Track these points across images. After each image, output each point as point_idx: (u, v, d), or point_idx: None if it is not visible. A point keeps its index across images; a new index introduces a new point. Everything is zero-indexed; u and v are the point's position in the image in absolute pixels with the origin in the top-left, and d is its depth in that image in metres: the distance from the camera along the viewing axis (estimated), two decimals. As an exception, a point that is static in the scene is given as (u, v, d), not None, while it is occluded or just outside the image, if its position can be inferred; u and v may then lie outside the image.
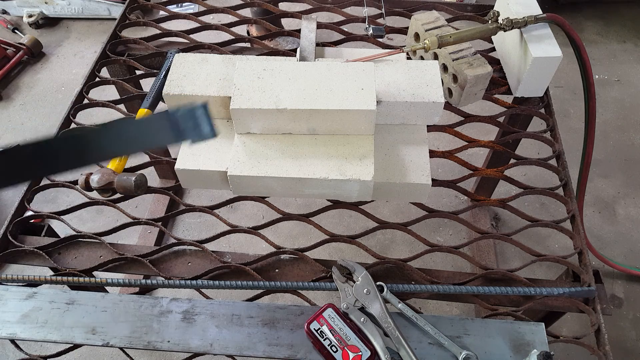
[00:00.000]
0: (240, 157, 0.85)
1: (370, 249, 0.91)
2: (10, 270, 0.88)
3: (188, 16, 1.28)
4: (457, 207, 1.70)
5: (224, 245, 1.72)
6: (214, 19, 2.43)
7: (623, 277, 1.67)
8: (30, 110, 2.24)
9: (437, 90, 0.90)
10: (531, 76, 1.03)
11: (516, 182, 0.99)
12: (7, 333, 0.76)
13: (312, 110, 0.83)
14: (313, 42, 1.05)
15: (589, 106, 1.14)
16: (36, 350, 1.46)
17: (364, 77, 0.86)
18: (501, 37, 1.12)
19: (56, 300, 0.79)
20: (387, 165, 0.87)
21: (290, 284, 0.82)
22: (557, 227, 0.93)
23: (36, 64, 2.45)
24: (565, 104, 2.20)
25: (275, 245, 0.90)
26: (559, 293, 0.82)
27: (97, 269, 0.87)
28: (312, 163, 0.84)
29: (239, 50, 1.22)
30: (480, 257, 1.64)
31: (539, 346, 0.75)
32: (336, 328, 0.73)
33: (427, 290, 0.83)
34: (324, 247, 0.91)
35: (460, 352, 0.73)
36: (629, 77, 2.34)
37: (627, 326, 1.57)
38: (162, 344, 0.75)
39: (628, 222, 1.82)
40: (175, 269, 0.87)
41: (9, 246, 0.88)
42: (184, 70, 0.93)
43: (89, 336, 0.76)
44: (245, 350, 0.75)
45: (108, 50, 1.18)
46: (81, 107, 1.09)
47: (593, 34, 2.57)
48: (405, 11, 1.26)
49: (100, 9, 2.58)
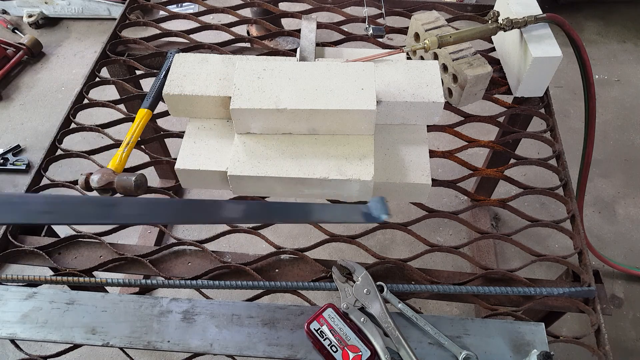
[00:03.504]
0: (240, 157, 0.85)
1: (370, 249, 0.91)
2: (10, 270, 0.88)
3: (188, 16, 1.28)
4: (457, 207, 1.70)
5: (224, 245, 1.72)
6: (214, 19, 2.43)
7: (623, 277, 1.67)
8: (30, 110, 2.24)
9: (437, 90, 0.90)
10: (531, 76, 1.03)
11: (516, 182, 0.99)
12: (7, 333, 0.76)
13: (312, 110, 0.83)
14: (313, 42, 1.05)
15: (589, 106, 1.14)
16: (36, 350, 1.46)
17: (364, 77, 0.86)
18: (501, 37, 1.12)
19: (56, 300, 0.79)
20: (387, 165, 0.87)
21: (290, 284, 0.82)
22: (557, 227, 0.93)
23: (36, 64, 2.45)
24: (565, 104, 2.20)
25: (275, 245, 0.90)
26: (559, 293, 0.82)
27: (97, 269, 0.87)
28: (312, 163, 0.84)
29: (239, 50, 1.22)
30: (480, 257, 1.64)
31: (539, 346, 0.75)
32: (336, 328, 0.73)
33: (427, 290, 0.83)
34: (324, 247, 0.91)
35: (460, 352, 0.73)
36: (629, 77, 2.34)
37: (627, 326, 1.57)
38: (162, 344, 0.75)
39: (628, 222, 1.82)
40: (175, 269, 0.87)
41: (9, 246, 0.88)
42: (184, 70, 0.93)
43: (89, 336, 0.76)
44: (245, 350, 0.75)
45: (108, 50, 1.18)
46: (81, 107, 1.09)
47: (593, 34, 2.57)
48: (405, 11, 1.26)
49: (100, 9, 2.58)
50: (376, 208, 0.63)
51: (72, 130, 1.05)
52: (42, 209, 0.54)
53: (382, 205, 0.63)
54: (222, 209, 0.61)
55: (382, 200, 0.63)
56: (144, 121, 0.97)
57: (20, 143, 2.08)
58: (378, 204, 0.63)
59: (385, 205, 0.63)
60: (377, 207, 0.63)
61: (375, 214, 0.63)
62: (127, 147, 0.92)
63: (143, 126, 0.96)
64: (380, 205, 0.63)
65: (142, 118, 0.96)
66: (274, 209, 0.67)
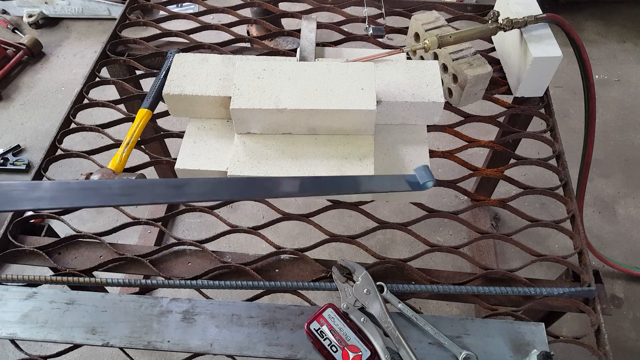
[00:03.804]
0: (240, 157, 0.85)
1: (370, 249, 0.91)
2: (10, 270, 0.88)
3: (188, 16, 1.28)
4: (457, 207, 1.70)
5: (224, 245, 1.72)
6: (214, 19, 2.43)
7: (623, 277, 1.67)
8: (30, 110, 2.24)
9: (437, 90, 0.90)
10: (531, 76, 1.03)
11: (516, 182, 0.99)
12: (7, 333, 0.76)
13: (312, 110, 0.83)
14: (313, 42, 1.05)
15: (589, 106, 1.14)
16: (36, 350, 1.46)
17: (364, 77, 0.86)
18: (501, 37, 1.12)
19: (56, 300, 0.79)
20: (387, 165, 0.87)
21: (290, 284, 0.82)
22: (557, 227, 0.93)
23: (36, 64, 2.45)
24: (565, 104, 2.20)
25: (275, 245, 0.90)
26: (559, 293, 0.82)
27: (97, 269, 0.87)
28: (312, 163, 0.84)
29: (239, 50, 1.22)
30: (480, 257, 1.64)
31: (539, 346, 0.75)
32: (336, 328, 0.73)
33: (427, 290, 0.82)
34: (324, 247, 0.91)
35: (460, 352, 0.73)
36: (629, 77, 2.34)
37: (627, 326, 1.57)
38: (162, 344, 0.75)
39: (628, 222, 1.82)
40: (175, 269, 0.87)
41: (9, 246, 0.88)
42: (184, 70, 0.93)
43: (89, 336, 0.76)
44: (245, 350, 0.75)
45: (108, 50, 1.18)
46: (81, 107, 1.09)
47: (593, 34, 2.57)
48: (405, 11, 1.26)
49: (100, 9, 2.58)
50: (422, 176, 0.64)
51: (72, 130, 1.05)
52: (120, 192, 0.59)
53: (426, 173, 0.64)
54: (280, 185, 0.64)
55: (427, 169, 0.64)
56: (144, 121, 0.97)
57: (20, 143, 2.08)
58: (423, 172, 0.64)
59: (430, 172, 0.64)
60: (423, 174, 0.64)
61: (421, 181, 0.64)
62: (127, 147, 0.92)
63: (143, 126, 0.96)
64: (425, 173, 0.64)
65: (142, 118, 0.97)
66: (327, 182, 0.69)
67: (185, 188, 0.61)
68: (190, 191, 0.61)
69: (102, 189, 0.59)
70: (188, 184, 0.61)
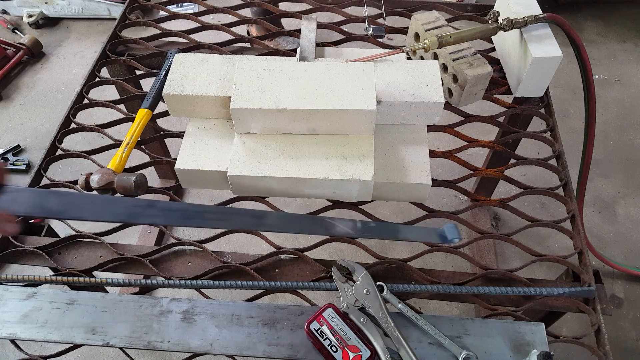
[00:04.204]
0: (240, 157, 0.85)
1: (370, 249, 0.91)
2: (10, 270, 0.88)
3: (188, 16, 1.28)
4: (457, 207, 1.70)
5: (224, 245, 1.72)
6: (214, 19, 2.43)
7: (623, 277, 1.67)
8: (30, 110, 2.24)
9: (437, 90, 0.90)
10: (531, 76, 1.03)
11: (516, 182, 0.99)
12: (7, 333, 0.76)
13: (312, 110, 0.83)
14: (313, 42, 1.05)
15: (589, 106, 1.14)
16: (36, 350, 1.46)
17: (364, 77, 0.86)
18: (501, 37, 1.12)
19: (56, 300, 0.79)
20: (387, 165, 0.87)
21: (290, 284, 0.82)
22: (557, 227, 0.93)
23: (36, 64, 2.45)
24: (565, 104, 2.20)
25: (275, 245, 0.90)
26: (559, 293, 0.82)
27: (97, 269, 0.87)
28: (312, 163, 0.84)
29: (239, 50, 1.22)
30: (480, 257, 1.64)
31: (539, 346, 0.75)
32: (336, 328, 0.73)
33: (427, 290, 0.83)
34: (324, 247, 0.91)
35: (460, 352, 0.73)
36: (629, 77, 2.34)
37: (627, 326, 1.57)
38: (162, 344, 0.75)
39: (628, 222, 1.82)
40: (175, 269, 0.87)
41: (9, 246, 0.88)
42: (184, 70, 0.93)
43: (89, 336, 0.76)
44: (245, 350, 0.75)
45: (108, 50, 1.18)
46: (81, 107, 1.09)
47: (593, 34, 2.57)
48: (405, 11, 1.26)
49: (100, 9, 2.58)
50: (450, 233, 0.74)
51: (72, 130, 1.05)
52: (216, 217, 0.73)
53: (455, 231, 0.74)
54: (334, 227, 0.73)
55: (455, 227, 0.75)
56: (144, 121, 0.97)
57: (20, 143, 2.08)
58: (452, 229, 0.75)
59: (457, 231, 0.75)
60: (451, 231, 0.74)
61: (449, 237, 0.74)
62: (127, 147, 0.92)
63: (143, 126, 0.96)
64: (453, 230, 0.75)
65: (142, 118, 0.97)
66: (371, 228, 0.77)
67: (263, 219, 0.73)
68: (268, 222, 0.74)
69: (204, 212, 0.73)
70: (265, 216, 0.73)
